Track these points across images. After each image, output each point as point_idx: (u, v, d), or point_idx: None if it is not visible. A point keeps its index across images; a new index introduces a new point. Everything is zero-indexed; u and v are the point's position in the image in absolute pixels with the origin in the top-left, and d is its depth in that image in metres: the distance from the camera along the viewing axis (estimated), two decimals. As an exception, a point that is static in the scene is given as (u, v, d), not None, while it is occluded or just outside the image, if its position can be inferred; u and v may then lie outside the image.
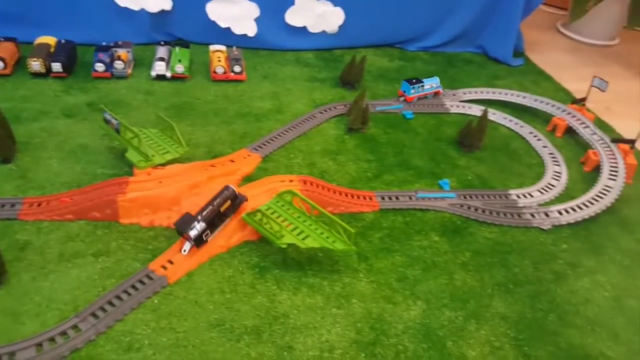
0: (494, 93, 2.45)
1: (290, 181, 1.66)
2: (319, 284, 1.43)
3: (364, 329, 1.33)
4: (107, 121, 1.69)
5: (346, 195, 1.71)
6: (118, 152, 1.77)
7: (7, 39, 2.15)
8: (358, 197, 1.72)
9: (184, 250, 1.43)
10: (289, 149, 1.95)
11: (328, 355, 1.26)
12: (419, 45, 2.81)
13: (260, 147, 1.90)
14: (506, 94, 2.43)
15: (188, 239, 1.42)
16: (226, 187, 1.51)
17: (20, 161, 1.67)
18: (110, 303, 1.28)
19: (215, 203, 1.47)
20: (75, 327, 1.22)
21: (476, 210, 1.75)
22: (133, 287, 1.33)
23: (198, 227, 1.41)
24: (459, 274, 1.53)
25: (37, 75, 2.07)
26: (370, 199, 1.73)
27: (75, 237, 1.46)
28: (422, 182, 1.86)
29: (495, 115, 2.31)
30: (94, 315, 1.25)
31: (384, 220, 1.67)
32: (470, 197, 1.81)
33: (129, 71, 2.18)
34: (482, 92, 2.46)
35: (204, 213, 1.44)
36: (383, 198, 1.74)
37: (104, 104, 1.98)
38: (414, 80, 2.31)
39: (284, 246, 1.41)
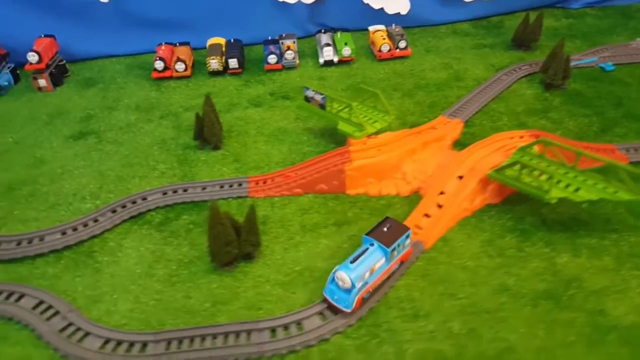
0: None
1: (521, 137, 1.47)
2: (598, 244, 1.22)
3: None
4: (309, 98, 1.62)
5: (586, 149, 1.47)
6: (317, 132, 1.70)
7: (182, 44, 2.21)
8: (598, 151, 1.48)
9: None
10: (488, 112, 1.77)
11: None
12: (584, 1, 2.52)
13: (456, 113, 1.74)
14: None
15: None
16: None
17: (229, 147, 1.65)
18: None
19: None
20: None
21: None
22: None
23: None
24: None
25: (214, 73, 2.08)
26: (613, 152, 1.49)
27: (310, 210, 1.39)
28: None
29: None
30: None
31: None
32: None
33: (297, 61, 2.15)
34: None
35: None
36: (628, 150, 1.49)
37: (285, 92, 1.96)
38: None
39: (553, 201, 1.21)
